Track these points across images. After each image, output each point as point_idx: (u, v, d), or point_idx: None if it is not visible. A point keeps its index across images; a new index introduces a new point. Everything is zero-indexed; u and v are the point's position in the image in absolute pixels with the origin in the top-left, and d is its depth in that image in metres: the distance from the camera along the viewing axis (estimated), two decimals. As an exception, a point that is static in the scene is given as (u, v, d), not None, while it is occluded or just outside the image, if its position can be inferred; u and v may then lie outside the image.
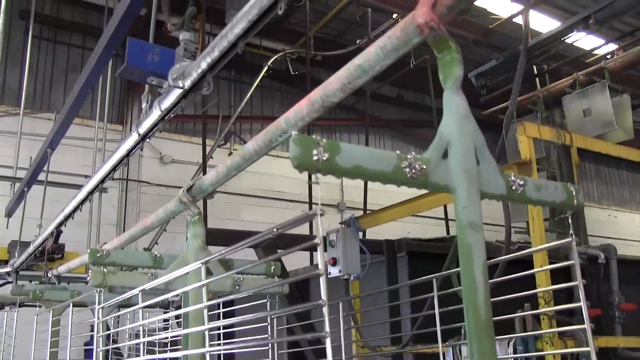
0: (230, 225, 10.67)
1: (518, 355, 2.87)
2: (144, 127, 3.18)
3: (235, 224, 10.87)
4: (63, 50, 11.11)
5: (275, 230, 1.47)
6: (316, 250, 1.27)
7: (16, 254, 7.32)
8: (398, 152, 1.36)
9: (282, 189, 11.83)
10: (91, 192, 4.40)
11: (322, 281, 1.23)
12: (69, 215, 5.40)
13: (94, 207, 8.03)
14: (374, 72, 1.56)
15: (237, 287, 2.32)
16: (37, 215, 7.76)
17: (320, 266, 1.25)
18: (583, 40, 12.57)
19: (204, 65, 2.53)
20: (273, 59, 11.33)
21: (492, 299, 2.38)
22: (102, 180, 4.06)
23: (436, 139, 1.44)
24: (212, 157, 10.58)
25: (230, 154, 10.38)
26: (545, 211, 6.93)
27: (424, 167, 1.36)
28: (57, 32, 11.09)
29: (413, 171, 1.34)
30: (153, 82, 2.95)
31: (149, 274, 2.17)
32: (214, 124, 11.53)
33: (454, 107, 1.45)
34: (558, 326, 3.33)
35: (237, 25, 2.28)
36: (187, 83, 2.67)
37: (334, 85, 1.62)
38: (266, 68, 11.23)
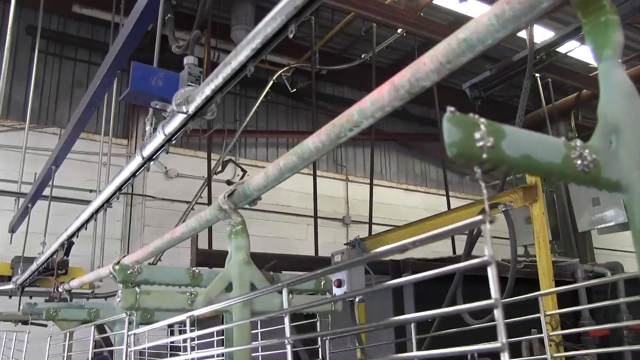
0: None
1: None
2: (147, 150, 3.17)
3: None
4: (69, 65, 11.17)
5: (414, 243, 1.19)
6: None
7: (19, 270, 7.31)
8: (564, 138, 1.04)
9: (288, 203, 11.82)
10: (96, 212, 4.39)
11: (492, 270, 0.90)
12: (75, 233, 5.38)
13: (98, 222, 8.03)
14: (482, 47, 1.21)
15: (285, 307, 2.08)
16: (40, 230, 7.75)
17: (487, 255, 0.95)
18: (586, 53, 12.59)
19: (208, 92, 2.52)
20: (278, 73, 11.36)
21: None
22: (106, 201, 4.05)
23: (599, 123, 1.12)
24: (217, 173, 10.59)
25: (227, 181, 10.30)
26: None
27: (595, 158, 1.05)
28: (63, 47, 11.15)
29: (584, 163, 1.04)
30: (157, 106, 2.95)
31: (188, 292, 1.84)
32: (219, 138, 11.55)
33: (617, 82, 1.14)
34: (565, 352, 3.29)
35: (241, 52, 2.27)
36: (191, 108, 2.66)
37: (427, 66, 1.27)
38: (271, 82, 11.27)
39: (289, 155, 1.73)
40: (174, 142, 3.00)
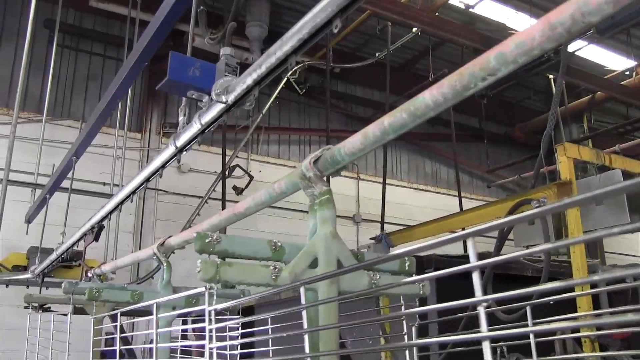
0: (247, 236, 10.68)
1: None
2: (181, 140, 3.19)
3: (251, 234, 10.88)
4: (84, 59, 11.22)
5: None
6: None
7: (37, 260, 7.37)
8: None
9: (298, 200, 11.80)
10: (122, 202, 4.42)
11: None
12: (103, 219, 5.32)
13: (112, 215, 8.08)
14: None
15: (373, 286, 1.90)
16: (54, 222, 7.80)
17: None
18: (601, 55, 12.54)
19: (249, 81, 2.54)
20: (292, 70, 11.36)
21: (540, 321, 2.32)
22: (135, 191, 4.08)
23: None
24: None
25: (234, 187, 10.21)
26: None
27: None
28: (79, 41, 11.20)
29: None
30: (193, 96, 2.97)
31: (272, 267, 1.67)
32: (232, 134, 11.58)
33: None
34: (600, 349, 3.29)
35: (286, 43, 2.29)
36: (231, 98, 2.69)
37: None
38: (285, 79, 11.29)
39: (397, 113, 1.47)
40: (211, 130, 3.03)
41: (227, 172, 10.61)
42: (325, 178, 1.76)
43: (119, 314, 2.17)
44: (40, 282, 6.81)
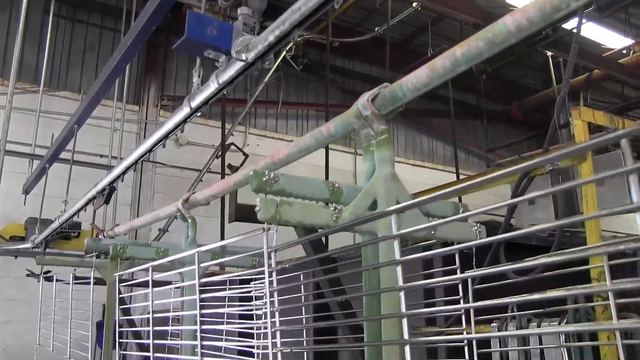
0: (244, 209, 10.68)
1: (569, 329, 2.86)
2: (197, 101, 3.17)
3: (249, 208, 10.87)
4: (81, 29, 11.06)
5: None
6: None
7: (36, 230, 7.35)
8: None
9: (296, 173, 11.81)
10: (136, 162, 4.41)
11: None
12: (114, 181, 5.26)
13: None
14: None
15: (432, 233, 1.81)
16: (53, 193, 7.76)
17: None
18: (599, 34, 12.52)
19: (271, 38, 2.53)
20: (290, 44, 11.26)
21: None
22: (150, 150, 4.05)
23: None
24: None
25: (229, 165, 10.08)
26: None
27: None
28: (75, 11, 11.03)
29: None
30: (210, 56, 2.95)
31: (332, 207, 1.59)
32: (229, 107, 11.53)
33: None
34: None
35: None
36: (251, 56, 2.67)
37: None
38: (284, 54, 11.20)
39: (471, 41, 1.33)
40: (225, 92, 3.01)
41: (221, 152, 10.54)
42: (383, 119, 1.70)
43: (150, 269, 2.13)
44: (43, 251, 6.81)
